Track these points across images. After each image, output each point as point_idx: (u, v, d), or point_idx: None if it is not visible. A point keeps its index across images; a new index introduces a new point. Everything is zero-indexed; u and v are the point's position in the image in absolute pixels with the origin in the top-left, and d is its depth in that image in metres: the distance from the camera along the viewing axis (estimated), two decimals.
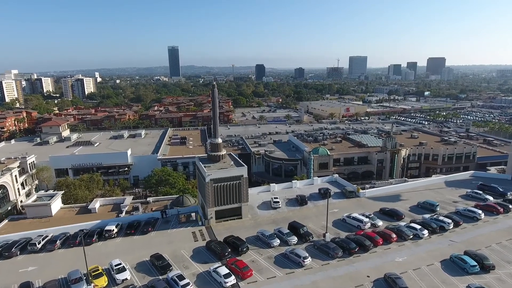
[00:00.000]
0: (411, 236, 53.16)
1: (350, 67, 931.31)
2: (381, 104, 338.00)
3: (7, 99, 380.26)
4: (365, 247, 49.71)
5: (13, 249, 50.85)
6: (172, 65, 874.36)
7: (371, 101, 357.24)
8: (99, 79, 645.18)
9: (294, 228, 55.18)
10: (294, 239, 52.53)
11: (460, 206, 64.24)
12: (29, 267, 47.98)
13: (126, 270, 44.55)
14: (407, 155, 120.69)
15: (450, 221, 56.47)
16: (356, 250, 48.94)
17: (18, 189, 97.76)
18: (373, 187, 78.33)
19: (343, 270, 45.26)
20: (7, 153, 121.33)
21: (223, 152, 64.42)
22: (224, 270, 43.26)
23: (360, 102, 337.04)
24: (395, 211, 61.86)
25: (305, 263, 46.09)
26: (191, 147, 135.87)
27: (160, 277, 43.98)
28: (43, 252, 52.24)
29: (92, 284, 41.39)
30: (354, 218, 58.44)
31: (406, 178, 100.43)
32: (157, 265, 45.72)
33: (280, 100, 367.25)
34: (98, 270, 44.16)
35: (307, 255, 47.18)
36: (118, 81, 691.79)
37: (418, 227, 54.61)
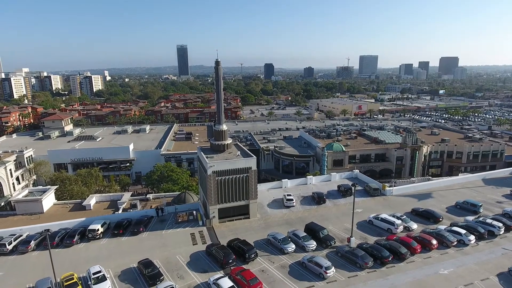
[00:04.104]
0: (455, 243, 43.77)
1: (361, 67, 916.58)
2: (394, 102, 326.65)
3: (15, 96, 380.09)
4: (400, 256, 40.44)
5: None
6: (181, 64, 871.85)
7: (384, 99, 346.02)
8: (108, 78, 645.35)
9: (312, 230, 46.26)
10: (313, 244, 43.55)
11: (508, 207, 54.49)
12: None
13: (106, 279, 36.22)
14: (428, 152, 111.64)
15: (500, 224, 46.91)
16: (390, 259, 39.78)
17: (13, 183, 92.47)
18: (394, 187, 69.21)
19: (376, 285, 36.13)
20: (6, 147, 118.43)
21: (229, 141, 55.74)
22: (227, 283, 34.59)
23: (372, 100, 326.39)
24: (431, 212, 52.42)
25: (328, 274, 37.15)
26: (196, 142, 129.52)
27: None
28: (14, 254, 44.30)
29: None
30: (383, 220, 49.18)
31: (430, 177, 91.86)
32: (145, 273, 37.22)
33: (290, 98, 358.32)
34: (72, 279, 35.93)
35: (330, 264, 38.21)
36: (127, 79, 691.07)
37: (463, 231, 45.15)
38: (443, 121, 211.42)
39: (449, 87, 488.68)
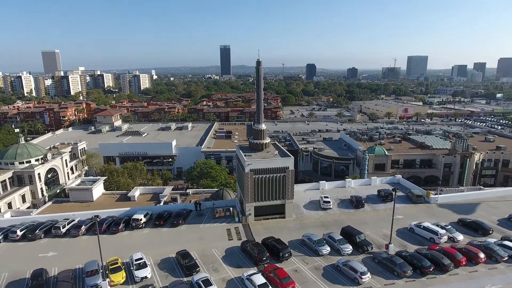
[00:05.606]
0: (506, 258, 40.57)
1: (408, 68, 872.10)
2: (445, 105, 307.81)
3: (72, 93, 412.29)
4: (442, 267, 38.32)
5: (37, 231, 47.60)
6: (223, 64, 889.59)
7: (433, 102, 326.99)
8: (154, 77, 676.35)
9: (349, 234, 45.33)
10: (349, 248, 42.69)
11: None
12: (50, 252, 44.10)
13: (147, 266, 38.40)
14: (480, 160, 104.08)
15: None
16: (431, 269, 37.86)
17: (68, 173, 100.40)
18: (439, 194, 65.22)
19: None
20: (63, 139, 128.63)
21: (267, 140, 56.25)
22: (259, 279, 35.10)
23: (420, 103, 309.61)
24: (480, 224, 48.98)
25: (363, 280, 36.26)
26: (236, 141, 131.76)
27: (184, 279, 37.08)
28: (67, 237, 48.40)
29: (107, 280, 35.72)
30: (426, 228, 46.83)
31: (481, 187, 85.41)
32: (182, 264, 38.95)
33: (331, 99, 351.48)
34: (117, 263, 38.51)
35: (366, 270, 37.22)
36: (172, 78, 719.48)
37: None
38: (499, 127, 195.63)
39: (508, 90, 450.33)
